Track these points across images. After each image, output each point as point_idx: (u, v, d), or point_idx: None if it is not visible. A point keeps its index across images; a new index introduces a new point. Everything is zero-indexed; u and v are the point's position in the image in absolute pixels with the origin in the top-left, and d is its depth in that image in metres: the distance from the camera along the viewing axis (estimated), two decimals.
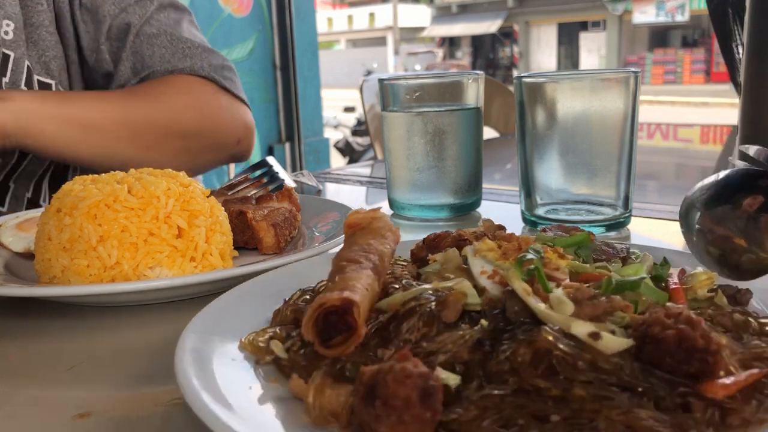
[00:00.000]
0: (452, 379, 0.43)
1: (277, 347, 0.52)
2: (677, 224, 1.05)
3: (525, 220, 1.01)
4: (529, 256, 0.53)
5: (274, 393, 0.47)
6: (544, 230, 0.68)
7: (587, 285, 0.51)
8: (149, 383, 0.57)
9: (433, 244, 0.64)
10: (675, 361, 0.41)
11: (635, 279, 0.50)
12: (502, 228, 0.70)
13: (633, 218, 0.99)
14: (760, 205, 0.56)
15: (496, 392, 0.42)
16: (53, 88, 1.20)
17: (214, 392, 0.44)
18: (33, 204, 1.25)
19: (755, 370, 0.42)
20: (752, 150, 0.71)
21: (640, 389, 0.41)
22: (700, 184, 0.67)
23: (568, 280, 0.52)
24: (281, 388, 0.48)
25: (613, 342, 0.43)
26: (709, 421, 0.40)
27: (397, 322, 0.50)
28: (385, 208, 1.15)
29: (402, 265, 0.63)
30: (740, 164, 0.74)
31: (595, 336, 0.43)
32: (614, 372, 0.42)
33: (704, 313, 0.50)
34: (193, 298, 0.75)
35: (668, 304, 0.48)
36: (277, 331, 0.55)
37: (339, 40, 34.76)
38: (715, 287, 0.54)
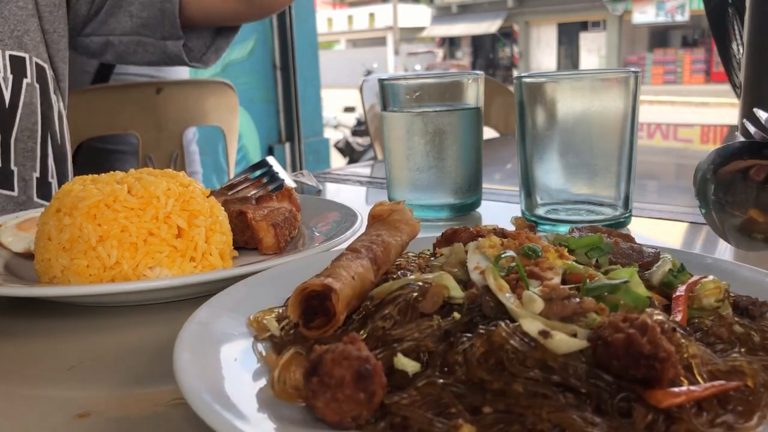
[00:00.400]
0: (410, 366, 0.45)
1: (272, 325, 0.55)
2: (677, 224, 1.06)
3: (525, 220, 1.01)
4: (508, 253, 0.55)
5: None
6: (572, 230, 0.69)
7: (572, 286, 0.51)
8: (149, 383, 0.57)
9: (450, 238, 0.66)
10: (622, 366, 0.41)
11: (610, 283, 0.50)
12: (533, 227, 0.71)
13: (633, 218, 0.99)
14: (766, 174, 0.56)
15: (440, 381, 0.43)
16: (27, 61, 1.21)
17: (213, 391, 0.45)
18: (43, 182, 1.26)
19: (718, 383, 0.42)
20: (763, 116, 0.72)
21: (583, 390, 0.41)
22: (708, 157, 0.67)
23: (557, 280, 0.52)
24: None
25: (564, 342, 0.43)
26: (649, 428, 0.39)
27: (376, 309, 0.52)
28: None
29: (416, 256, 0.65)
30: (751, 129, 0.74)
31: (545, 334, 0.43)
32: (560, 371, 0.42)
33: (702, 323, 0.50)
34: (193, 298, 0.75)
35: (648, 309, 0.47)
36: (280, 311, 0.58)
37: (339, 40, 34.76)
38: (722, 297, 0.53)
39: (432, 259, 0.63)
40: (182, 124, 2.02)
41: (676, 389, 0.40)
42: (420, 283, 0.53)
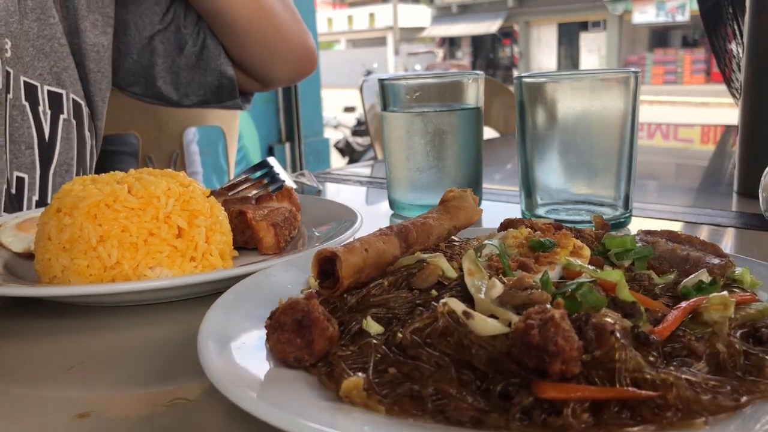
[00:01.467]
0: (373, 328, 0.52)
1: (312, 282, 0.64)
2: (677, 224, 1.06)
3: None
4: (492, 242, 0.63)
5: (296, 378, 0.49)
6: (639, 232, 0.71)
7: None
8: (149, 383, 0.57)
9: (506, 226, 0.71)
10: (518, 353, 0.43)
11: (579, 281, 0.51)
12: (606, 225, 0.74)
13: (633, 218, 0.99)
14: None
15: (374, 342, 0.50)
16: (64, 98, 1.23)
17: (242, 376, 0.47)
18: None
19: (620, 388, 0.42)
20: None
21: (482, 370, 0.45)
22: None
23: (552, 273, 0.57)
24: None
25: (483, 324, 0.46)
26: (525, 412, 0.42)
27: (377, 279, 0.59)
28: (386, 208, 1.15)
29: (462, 242, 0.71)
30: None
31: (467, 315, 0.47)
32: (465, 350, 0.46)
33: (685, 336, 0.49)
34: (193, 298, 0.75)
35: (604, 310, 0.47)
36: None
37: (339, 40, 34.75)
38: (728, 315, 0.51)
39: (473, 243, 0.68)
40: (182, 124, 2.02)
41: (566, 385, 0.42)
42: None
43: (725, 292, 0.54)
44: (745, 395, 0.44)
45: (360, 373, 0.47)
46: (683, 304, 0.52)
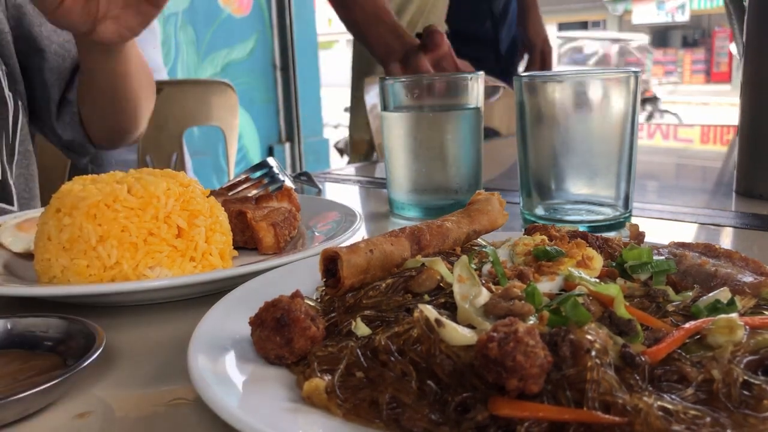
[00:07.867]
0: (361, 330, 0.52)
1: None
2: (677, 224, 1.06)
3: (525, 220, 1.01)
4: (488, 249, 0.63)
5: (286, 393, 0.48)
6: (671, 243, 0.67)
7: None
8: (149, 383, 0.57)
9: (529, 233, 0.71)
10: (478, 366, 0.42)
11: (566, 294, 0.49)
12: (641, 234, 0.72)
13: (633, 218, 0.99)
14: None
15: (351, 344, 0.49)
16: None
17: (228, 388, 0.47)
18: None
19: (582, 411, 0.40)
20: None
21: (445, 381, 0.44)
22: None
23: (548, 285, 0.56)
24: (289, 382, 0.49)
25: (454, 333, 0.45)
26: (479, 428, 0.40)
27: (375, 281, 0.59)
28: (385, 208, 1.15)
29: (481, 246, 0.71)
30: None
31: (438, 323, 0.46)
32: (431, 359, 0.45)
33: (679, 359, 0.45)
34: (193, 298, 0.75)
35: (587, 326, 0.45)
36: None
37: (339, 40, 34.78)
38: (736, 339, 0.46)
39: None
40: (182, 124, 2.02)
41: (522, 402, 0.40)
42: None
43: (735, 315, 0.49)
44: (729, 429, 0.39)
45: (327, 375, 0.46)
46: (687, 324, 0.48)
